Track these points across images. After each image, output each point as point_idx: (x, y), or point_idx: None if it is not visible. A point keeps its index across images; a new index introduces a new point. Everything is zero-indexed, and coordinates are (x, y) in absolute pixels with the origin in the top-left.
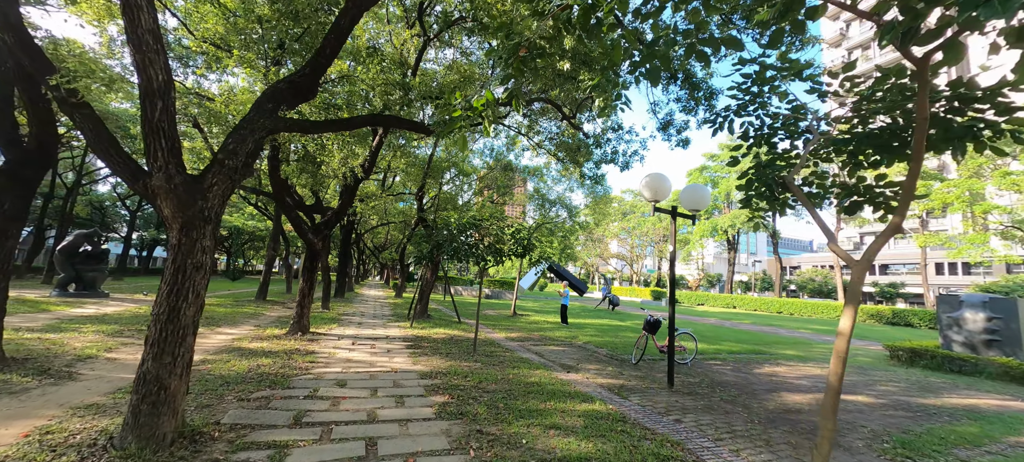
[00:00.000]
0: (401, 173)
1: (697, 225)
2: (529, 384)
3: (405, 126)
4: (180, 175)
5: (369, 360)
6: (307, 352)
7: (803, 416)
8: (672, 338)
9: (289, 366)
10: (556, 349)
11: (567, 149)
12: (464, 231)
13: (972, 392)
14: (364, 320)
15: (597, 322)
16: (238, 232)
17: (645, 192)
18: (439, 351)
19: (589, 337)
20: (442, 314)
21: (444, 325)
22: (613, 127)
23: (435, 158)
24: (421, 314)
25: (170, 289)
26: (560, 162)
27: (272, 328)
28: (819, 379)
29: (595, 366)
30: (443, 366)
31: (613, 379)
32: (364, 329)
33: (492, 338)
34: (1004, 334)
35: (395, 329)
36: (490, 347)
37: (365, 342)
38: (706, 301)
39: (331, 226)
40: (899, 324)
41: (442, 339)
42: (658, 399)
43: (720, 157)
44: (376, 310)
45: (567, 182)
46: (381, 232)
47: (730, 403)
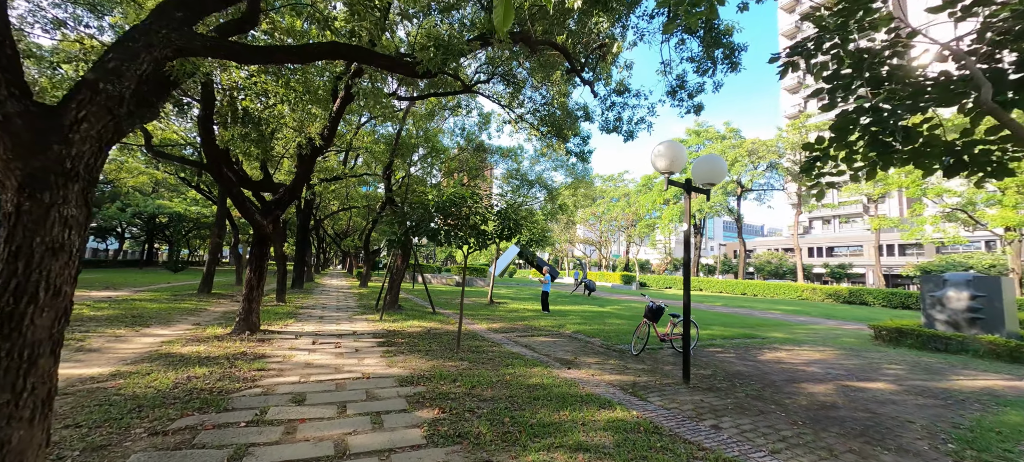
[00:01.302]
0: (365, 153)
1: (668, 209)
2: (532, 387)
3: (381, 63)
4: (18, 101)
5: (334, 363)
6: (255, 356)
7: (843, 412)
8: (688, 328)
9: (230, 377)
10: (546, 340)
11: (552, 122)
12: (444, 210)
13: (974, 372)
14: (327, 313)
15: (578, 309)
16: (180, 219)
17: (659, 163)
18: (417, 348)
19: (576, 325)
20: (414, 304)
21: (418, 316)
22: (617, 91)
23: (403, 136)
24: (392, 305)
25: (4, 286)
26: (543, 138)
27: (214, 327)
28: (826, 364)
29: (595, 359)
30: (425, 367)
31: (620, 375)
32: (327, 324)
33: (474, 330)
34: (987, 312)
35: (363, 323)
36: (474, 341)
37: (328, 340)
38: (673, 284)
39: (284, 206)
40: (855, 302)
41: (418, 333)
42: (680, 398)
43: (688, 142)
44: (340, 301)
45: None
46: (343, 218)
47: (758, 399)
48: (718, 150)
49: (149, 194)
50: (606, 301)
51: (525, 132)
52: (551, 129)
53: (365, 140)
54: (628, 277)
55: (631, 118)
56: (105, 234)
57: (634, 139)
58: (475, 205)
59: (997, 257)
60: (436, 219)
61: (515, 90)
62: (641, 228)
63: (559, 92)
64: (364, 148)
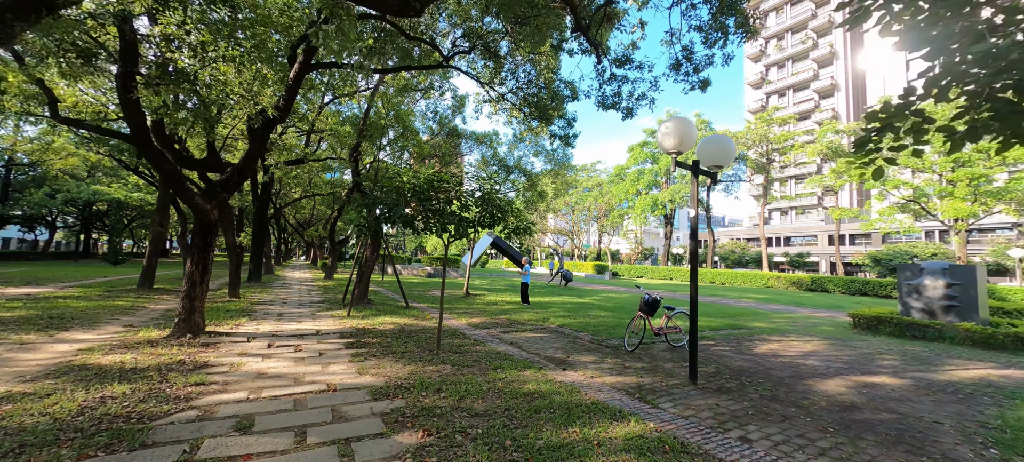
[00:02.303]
0: (329, 136)
1: (640, 199)
2: (529, 396)
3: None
4: None
5: (293, 372)
6: (195, 366)
7: (867, 414)
8: (695, 324)
9: (158, 396)
10: (532, 336)
11: (536, 103)
12: (421, 195)
13: (962, 361)
14: (287, 310)
15: (558, 300)
16: (120, 206)
17: (667, 141)
18: (391, 350)
19: (561, 319)
20: (385, 298)
21: (390, 312)
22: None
23: (372, 116)
24: (360, 299)
25: None
26: (525, 120)
27: (149, 329)
28: (823, 357)
29: (589, 357)
30: (402, 374)
31: (621, 375)
32: (286, 323)
33: (453, 326)
34: (962, 300)
35: (328, 320)
36: (455, 339)
37: (288, 342)
38: (644, 274)
39: (231, 188)
40: (817, 290)
41: (391, 331)
42: (694, 403)
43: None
44: (302, 296)
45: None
46: (306, 206)
47: (775, 401)
48: None
49: (84, 179)
50: (584, 292)
51: (505, 113)
52: (534, 110)
53: (329, 121)
54: (601, 267)
55: (632, 93)
56: (33, 223)
57: (633, 116)
58: (456, 189)
59: (938, 246)
60: (412, 204)
61: (496, 66)
62: (613, 218)
63: (547, 67)
64: (329, 130)
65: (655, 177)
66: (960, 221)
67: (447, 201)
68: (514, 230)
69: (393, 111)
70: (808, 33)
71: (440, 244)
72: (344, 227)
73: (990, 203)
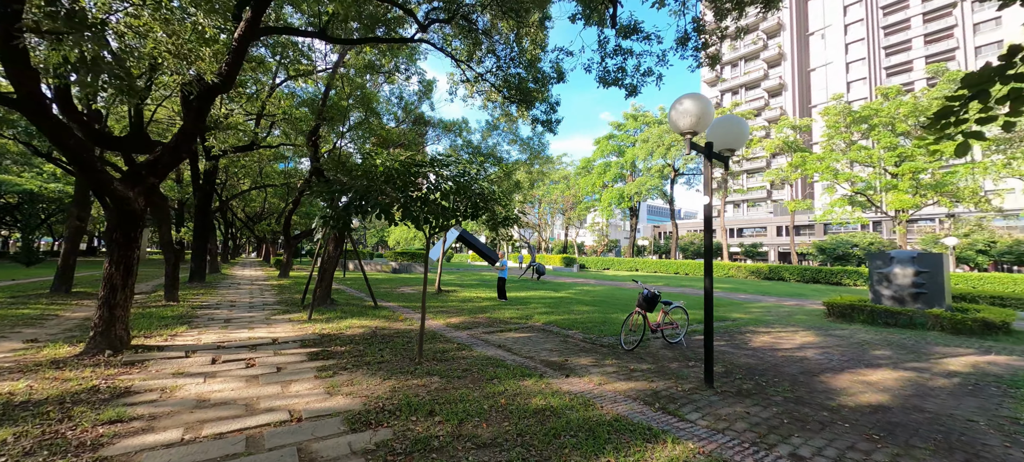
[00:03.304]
0: (283, 122)
1: (606, 192)
2: (540, 414)
3: None
4: None
5: (245, 397)
6: (113, 395)
7: (900, 415)
8: (710, 323)
9: (54, 445)
10: (519, 337)
11: (517, 85)
12: (398, 180)
13: (945, 348)
14: (236, 314)
15: (536, 295)
16: (33, 198)
17: (682, 120)
18: (365, 359)
19: (544, 316)
20: (348, 297)
21: (357, 313)
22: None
23: (332, 98)
24: (323, 299)
25: None
26: (503, 104)
27: (59, 344)
28: (820, 349)
29: (588, 359)
30: (382, 392)
31: (630, 380)
32: (235, 330)
33: (431, 328)
34: (929, 287)
35: (286, 326)
36: (436, 343)
37: (237, 355)
38: (611, 265)
39: (162, 171)
40: (774, 279)
41: (362, 336)
42: (722, 411)
43: (626, 127)
44: (254, 297)
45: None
46: (256, 198)
47: (803, 404)
48: (656, 134)
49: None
50: (559, 285)
51: (481, 97)
52: (515, 93)
53: (282, 104)
54: (569, 259)
55: (638, 67)
56: None
57: (637, 94)
58: (439, 173)
59: (875, 236)
60: (386, 190)
61: (475, 42)
62: (580, 211)
63: (533, 43)
64: (282, 113)
65: (621, 170)
66: (901, 212)
67: (434, 187)
68: (502, 221)
69: (359, 91)
70: (759, 34)
71: (404, 238)
72: (300, 221)
73: (929, 195)
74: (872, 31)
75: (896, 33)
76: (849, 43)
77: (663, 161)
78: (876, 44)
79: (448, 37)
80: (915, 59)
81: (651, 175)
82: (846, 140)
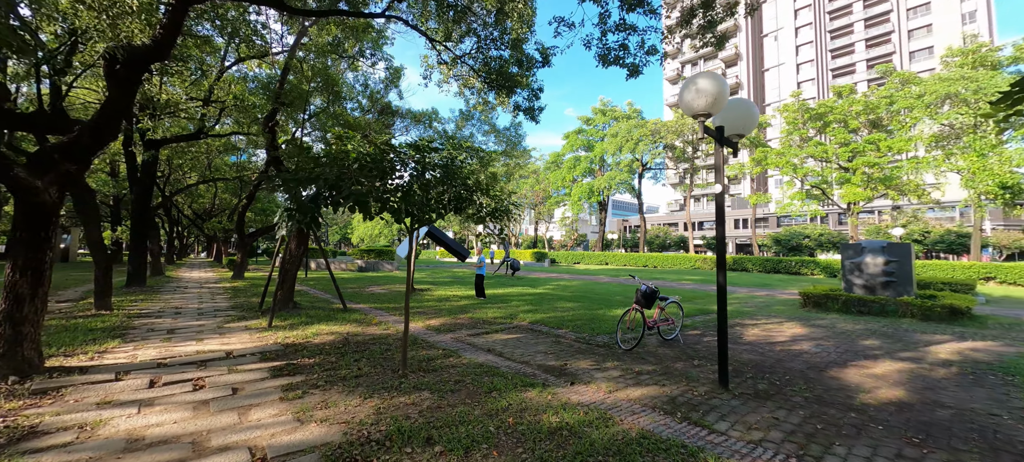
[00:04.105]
0: (234, 109)
1: (576, 186)
2: (556, 436)
3: None
4: None
5: (192, 432)
6: (12, 439)
7: (927, 413)
8: (723, 322)
9: None
10: (508, 338)
11: (498, 70)
12: (374, 168)
13: (924, 336)
14: (182, 323)
15: (514, 292)
16: None
17: (698, 100)
18: (339, 373)
19: (529, 314)
20: (314, 299)
21: (325, 318)
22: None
23: (292, 80)
24: (285, 303)
25: None
26: (482, 91)
27: None
28: (812, 341)
29: (587, 362)
30: (364, 415)
31: (640, 386)
32: (181, 343)
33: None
34: (899, 276)
35: (243, 335)
36: (419, 350)
37: (183, 375)
38: (581, 259)
39: (80, 156)
40: (738, 270)
41: (333, 344)
42: (749, 418)
43: (595, 121)
44: (204, 302)
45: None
46: (205, 193)
47: (827, 405)
48: (625, 128)
49: None
50: (535, 281)
51: (458, 82)
52: (496, 78)
53: (233, 89)
54: (540, 254)
55: (641, 44)
56: None
57: (639, 75)
58: (424, 160)
59: (824, 227)
60: (360, 180)
61: (455, 18)
62: (550, 205)
63: (519, 20)
64: (233, 98)
65: (590, 165)
66: (854, 204)
67: (419, 174)
68: (490, 214)
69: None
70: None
71: (368, 235)
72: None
73: (879, 188)
74: (820, 35)
75: (841, 37)
76: (799, 45)
77: (631, 156)
78: (823, 47)
79: (423, 14)
80: (858, 62)
81: (620, 170)
82: (803, 136)
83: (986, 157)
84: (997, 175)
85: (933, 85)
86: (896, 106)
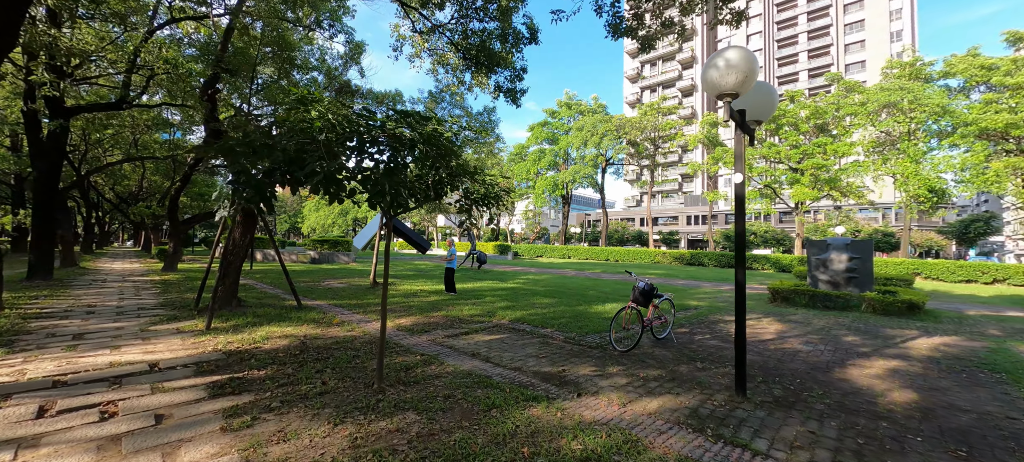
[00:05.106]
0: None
1: (540, 179)
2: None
3: None
4: None
5: None
6: None
7: (951, 420)
8: (742, 324)
9: None
10: (491, 340)
11: (480, 45)
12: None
13: (898, 331)
14: (93, 325)
15: (485, 286)
16: None
17: (727, 78)
18: (298, 391)
19: (506, 311)
20: (262, 295)
21: (276, 318)
22: None
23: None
24: (227, 301)
25: None
26: (457, 69)
27: None
28: (797, 338)
29: (588, 368)
30: (336, 452)
31: (651, 395)
32: (89, 351)
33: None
34: (861, 272)
35: (172, 341)
36: (395, 357)
37: (86, 397)
38: (544, 253)
39: None
40: (696, 264)
41: (287, 350)
42: (784, 433)
43: (560, 114)
44: (125, 298)
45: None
46: (131, 174)
47: (852, 413)
48: (590, 123)
49: None
50: (503, 274)
51: (431, 58)
52: (476, 54)
53: (165, 53)
54: (503, 247)
55: (656, 13)
56: None
57: (652, 49)
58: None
59: (769, 225)
60: (333, 154)
61: None
62: (514, 197)
63: None
64: (164, 64)
65: (555, 158)
66: (801, 204)
67: (409, 146)
68: (480, 199)
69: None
70: (675, 36)
71: (320, 224)
72: (190, 203)
73: (826, 188)
74: (768, 43)
75: (786, 47)
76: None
77: (596, 151)
78: (771, 54)
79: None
80: (801, 71)
81: (585, 164)
82: (758, 137)
83: (919, 163)
84: (926, 180)
85: (875, 94)
86: (842, 112)
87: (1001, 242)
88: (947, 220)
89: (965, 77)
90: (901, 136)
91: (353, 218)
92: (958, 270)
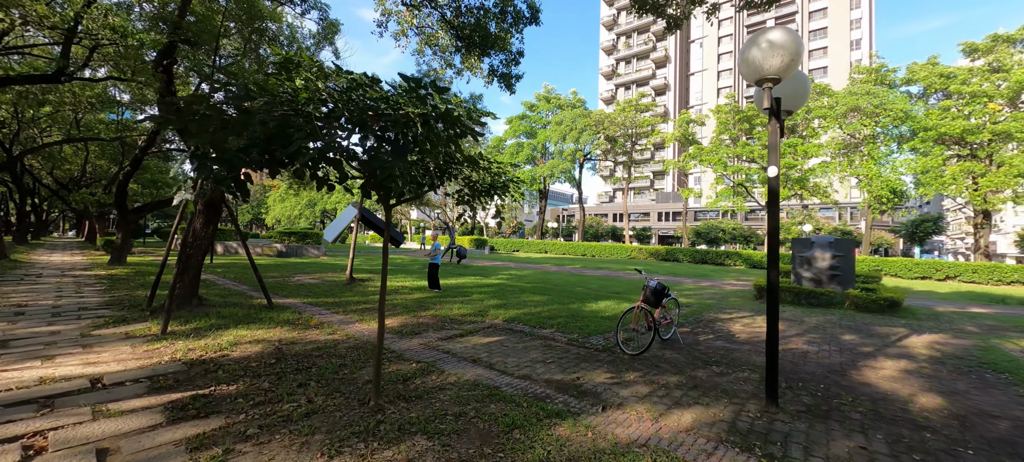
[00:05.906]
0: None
1: (518, 173)
2: None
3: None
4: None
5: None
6: None
7: (990, 427)
8: (774, 327)
9: None
10: (489, 342)
11: (475, 25)
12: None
13: (884, 329)
14: (22, 329)
15: (470, 282)
16: None
17: (770, 60)
18: (280, 412)
19: (498, 310)
20: (225, 292)
21: (245, 319)
22: None
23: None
24: (186, 300)
25: None
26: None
27: None
28: (801, 337)
29: (604, 375)
30: None
31: (681, 407)
32: (15, 364)
33: (363, 335)
34: (843, 269)
35: (120, 348)
36: (388, 365)
37: (6, 429)
38: (521, 247)
39: None
40: (671, 260)
41: (260, 359)
42: (831, 448)
43: (539, 108)
44: (63, 296)
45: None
46: (72, 158)
47: (890, 422)
48: (569, 117)
49: None
50: (485, 270)
51: (418, 38)
52: (470, 34)
53: (111, 20)
54: (480, 241)
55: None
56: None
57: (679, 28)
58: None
59: (737, 222)
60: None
61: None
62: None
63: None
64: (111, 33)
65: (533, 152)
66: None
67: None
68: (486, 190)
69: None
70: (649, 36)
71: (285, 216)
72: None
73: (796, 188)
74: (738, 45)
75: None
76: (721, 53)
77: (574, 145)
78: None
79: None
80: None
81: (563, 159)
82: (733, 136)
83: (881, 165)
84: (888, 181)
85: (843, 98)
86: (812, 115)
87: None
88: (896, 220)
89: (925, 84)
90: (866, 139)
91: (321, 209)
92: (915, 267)
